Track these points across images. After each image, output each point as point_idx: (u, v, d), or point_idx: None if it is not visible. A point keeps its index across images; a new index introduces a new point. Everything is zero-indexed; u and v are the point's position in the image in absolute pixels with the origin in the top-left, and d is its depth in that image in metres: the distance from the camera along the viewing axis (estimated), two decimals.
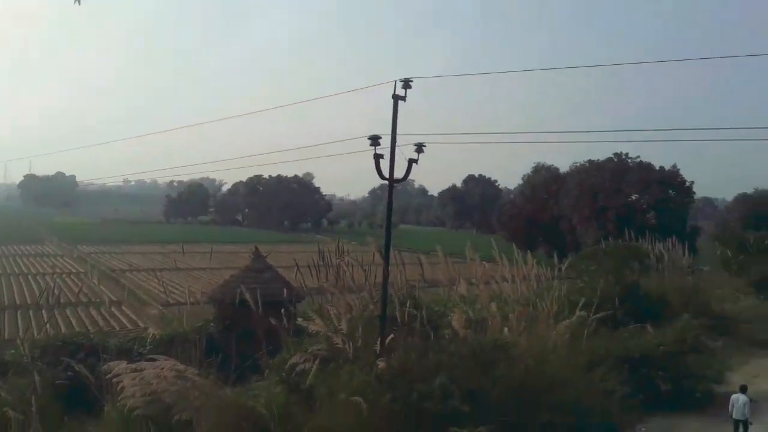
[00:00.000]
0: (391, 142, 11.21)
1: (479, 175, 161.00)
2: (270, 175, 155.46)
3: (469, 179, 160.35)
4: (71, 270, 67.54)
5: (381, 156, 11.01)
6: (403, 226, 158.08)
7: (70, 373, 12.81)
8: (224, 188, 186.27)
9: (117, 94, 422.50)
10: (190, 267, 60.16)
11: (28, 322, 28.53)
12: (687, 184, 64.28)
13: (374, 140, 10.87)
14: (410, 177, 12.61)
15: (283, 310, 12.33)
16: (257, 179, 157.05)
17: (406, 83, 11.21)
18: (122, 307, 40.72)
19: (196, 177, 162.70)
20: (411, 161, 11.28)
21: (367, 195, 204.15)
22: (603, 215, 61.58)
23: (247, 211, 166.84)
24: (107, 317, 38.77)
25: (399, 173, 11.45)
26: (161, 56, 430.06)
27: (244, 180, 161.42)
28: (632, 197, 63.78)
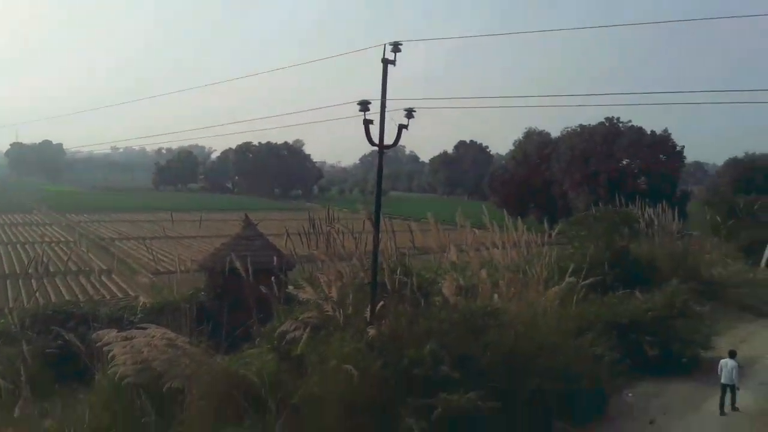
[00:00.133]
0: (380, 107, 10.99)
1: (471, 140, 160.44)
2: (260, 142, 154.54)
3: (461, 145, 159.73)
4: (60, 239, 67.24)
5: (371, 122, 10.79)
6: (394, 193, 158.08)
7: (60, 342, 12.84)
8: (214, 155, 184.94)
9: (105, 60, 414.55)
10: (180, 235, 60.09)
11: (17, 291, 28.40)
12: (678, 148, 64.31)
13: (363, 105, 10.64)
14: (401, 143, 12.45)
15: (273, 278, 12.28)
16: (247, 146, 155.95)
17: (396, 47, 10.92)
18: (112, 276, 40.68)
19: (185, 144, 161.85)
20: (401, 127, 11.08)
21: (358, 162, 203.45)
22: (594, 180, 61.69)
23: (237, 178, 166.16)
24: (97, 286, 38.74)
25: (389, 139, 11.28)
26: (147, 22, 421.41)
27: (233, 147, 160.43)
28: (623, 162, 63.81)
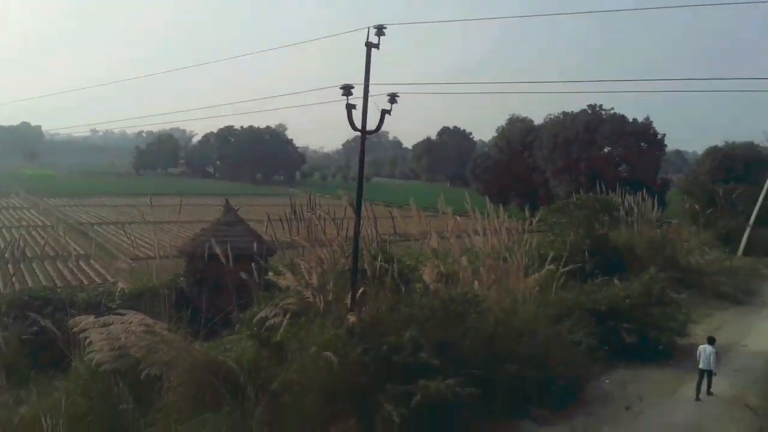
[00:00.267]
0: (363, 91, 10.89)
1: (454, 127, 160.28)
2: (242, 126, 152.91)
3: (444, 131, 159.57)
4: (38, 223, 66.27)
5: (353, 106, 10.71)
6: (377, 179, 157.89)
7: (36, 328, 12.70)
8: (195, 139, 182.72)
9: (83, 41, 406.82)
10: (160, 220, 59.41)
11: None
12: (659, 136, 64.79)
13: (346, 90, 10.53)
14: (384, 129, 12.43)
15: (253, 264, 12.20)
16: (228, 130, 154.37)
17: (380, 30, 10.81)
18: (90, 261, 40.25)
19: (166, 127, 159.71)
20: (384, 112, 11.00)
21: (341, 147, 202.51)
22: (576, 168, 62.00)
23: (218, 162, 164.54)
24: (75, 271, 38.30)
25: (372, 125, 11.21)
26: (127, 3, 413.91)
27: (214, 131, 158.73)
28: (605, 150, 64.19)
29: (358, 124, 11.01)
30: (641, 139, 63.58)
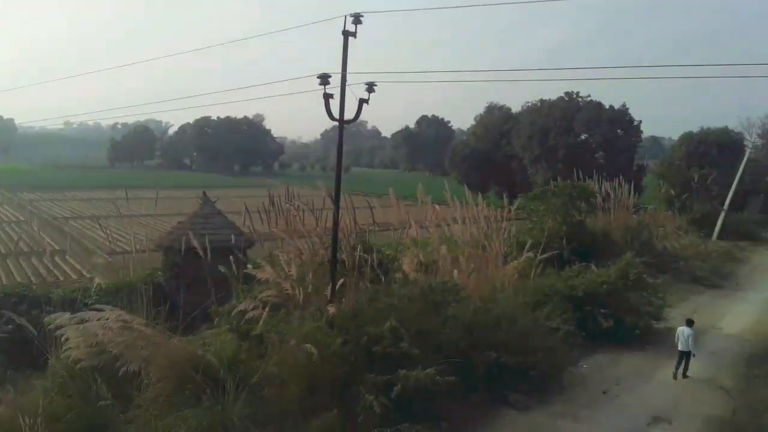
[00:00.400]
0: (341, 80, 10.85)
1: (432, 115, 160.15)
2: (219, 117, 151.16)
3: (423, 120, 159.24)
4: (11, 218, 65.03)
5: (331, 96, 10.66)
6: (356, 168, 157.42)
7: (11, 326, 12.49)
8: (171, 130, 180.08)
9: (56, 32, 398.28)
10: (136, 214, 58.59)
11: None
12: (635, 123, 65.39)
13: (323, 79, 10.47)
14: (363, 118, 12.44)
15: (232, 256, 12.12)
16: (205, 121, 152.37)
17: (357, 18, 10.74)
18: (66, 257, 39.55)
19: (142, 119, 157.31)
20: (362, 101, 10.96)
21: (319, 137, 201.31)
22: (553, 155, 62.39)
23: (195, 154, 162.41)
24: (50, 267, 37.61)
25: (350, 114, 11.17)
26: None
27: (191, 122, 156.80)
28: (582, 137, 64.62)
29: (336, 113, 10.97)
30: (617, 125, 64.09)
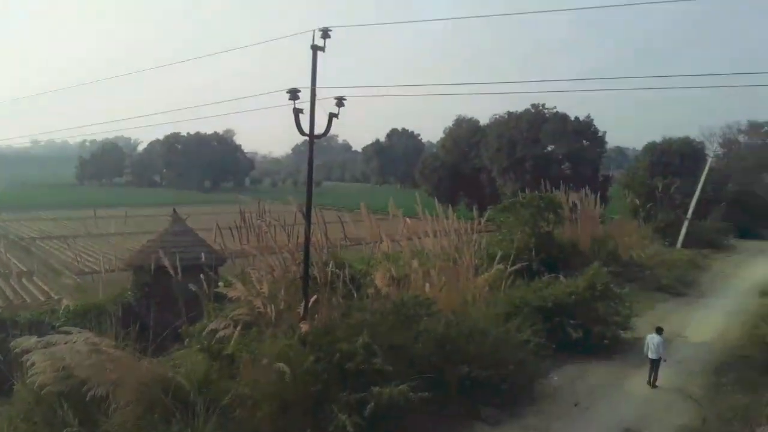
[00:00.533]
0: (310, 95, 10.85)
1: (402, 128, 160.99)
2: (188, 133, 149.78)
3: (393, 133, 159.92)
4: None
5: (301, 110, 10.69)
6: (328, 183, 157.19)
7: None
8: (140, 147, 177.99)
9: (21, 47, 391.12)
10: (106, 232, 57.71)
11: None
12: (599, 134, 66.60)
13: (293, 94, 10.46)
14: (334, 132, 12.51)
15: (203, 275, 12.03)
16: (175, 137, 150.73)
17: (325, 33, 10.78)
18: (33, 278, 38.64)
19: (110, 136, 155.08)
20: (331, 115, 11.01)
21: (290, 152, 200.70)
22: (521, 166, 63.15)
23: (165, 171, 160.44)
24: (17, 289, 36.67)
25: (320, 129, 11.21)
26: (70, 8, 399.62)
27: (160, 138, 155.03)
28: (548, 148, 65.54)
29: (306, 128, 11.01)
30: (582, 136, 65.18)
